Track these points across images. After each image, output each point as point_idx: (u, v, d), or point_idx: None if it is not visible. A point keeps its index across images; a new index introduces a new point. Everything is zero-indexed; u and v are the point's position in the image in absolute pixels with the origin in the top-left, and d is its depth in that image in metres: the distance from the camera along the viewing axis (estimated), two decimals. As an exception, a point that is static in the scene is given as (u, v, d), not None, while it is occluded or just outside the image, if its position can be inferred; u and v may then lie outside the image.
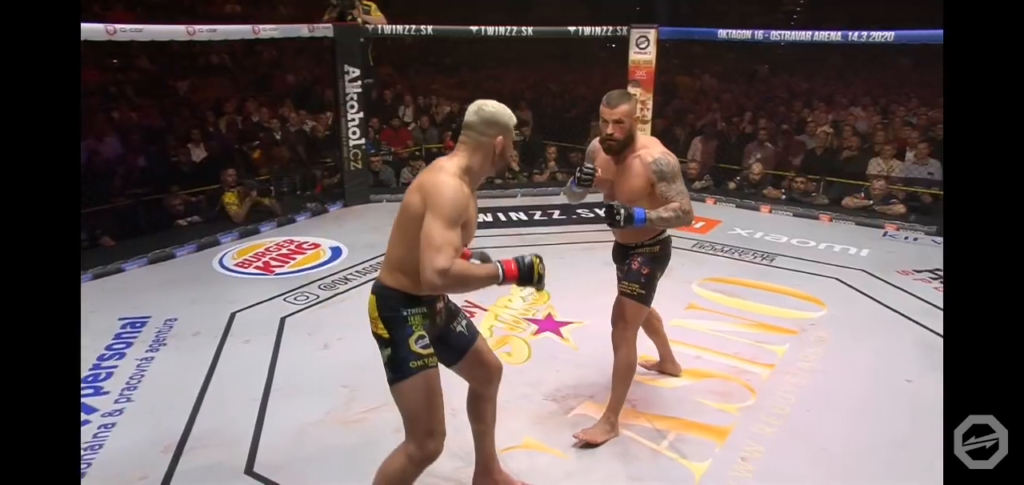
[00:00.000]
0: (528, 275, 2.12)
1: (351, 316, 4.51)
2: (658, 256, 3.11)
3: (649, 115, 7.82)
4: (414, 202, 2.12)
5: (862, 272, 5.35)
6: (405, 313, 2.19)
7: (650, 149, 2.98)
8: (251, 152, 7.62)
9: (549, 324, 4.37)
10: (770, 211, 7.19)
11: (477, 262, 2.24)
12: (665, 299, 4.73)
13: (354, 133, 7.16)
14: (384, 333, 2.20)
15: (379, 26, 7.32)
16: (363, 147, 7.27)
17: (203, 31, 5.95)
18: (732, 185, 7.81)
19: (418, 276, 2.06)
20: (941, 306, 4.65)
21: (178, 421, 3.26)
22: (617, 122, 2.91)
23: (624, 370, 3.09)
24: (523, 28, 7.32)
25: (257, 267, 5.47)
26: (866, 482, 2.85)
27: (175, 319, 4.43)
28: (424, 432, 2.22)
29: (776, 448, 3.07)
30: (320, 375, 3.72)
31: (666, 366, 3.74)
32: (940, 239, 6.17)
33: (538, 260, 2.15)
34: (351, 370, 3.69)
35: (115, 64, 9.38)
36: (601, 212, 2.93)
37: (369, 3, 7.36)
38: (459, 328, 2.46)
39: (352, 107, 7.07)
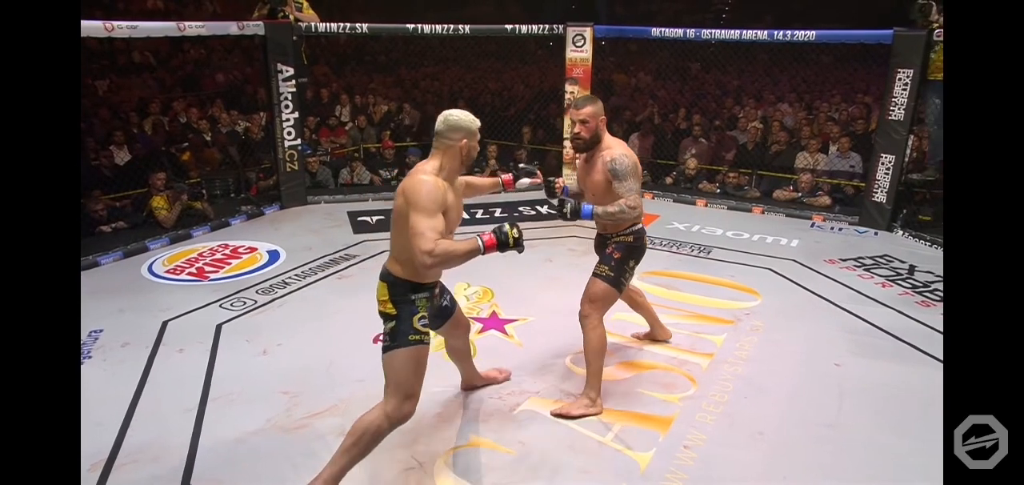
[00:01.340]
0: (504, 241, 2.48)
1: (291, 321, 4.40)
2: (632, 245, 3.31)
3: (587, 112, 7.92)
4: (399, 204, 2.51)
5: (793, 262, 5.58)
6: (413, 297, 2.59)
7: (612, 149, 3.21)
8: (180, 154, 7.33)
9: (494, 322, 4.37)
10: (705, 205, 7.40)
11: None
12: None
13: (289, 133, 6.98)
14: (392, 311, 2.58)
15: (313, 24, 7.15)
16: (299, 148, 7.09)
17: (123, 27, 5.67)
18: (669, 180, 8.00)
19: (412, 263, 2.48)
20: (868, 295, 4.89)
21: (107, 437, 3.10)
22: (582, 122, 3.21)
23: (594, 347, 3.26)
24: (460, 26, 7.29)
25: (190, 273, 5.26)
26: (800, 462, 2.97)
27: (101, 330, 4.21)
28: (404, 395, 2.56)
29: (716, 435, 3.17)
30: (259, 382, 3.61)
31: (656, 333, 4.05)
32: (862, 229, 6.49)
33: (511, 226, 2.48)
34: (291, 376, 3.59)
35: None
36: (551, 206, 3.14)
37: (301, 0, 7.18)
38: (445, 302, 3.01)
39: (287, 107, 6.89)
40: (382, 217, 6.67)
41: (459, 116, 2.63)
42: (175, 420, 3.25)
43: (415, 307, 2.58)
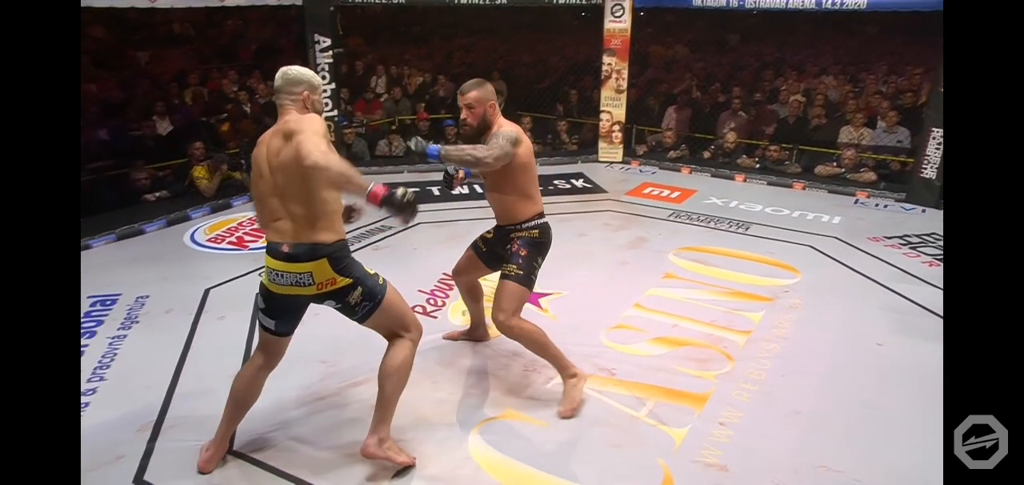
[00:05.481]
0: (390, 201, 2.27)
1: (327, 291, 4.46)
2: (537, 241, 3.12)
3: (624, 84, 7.82)
4: (287, 152, 2.32)
5: (834, 239, 5.45)
6: (349, 254, 2.52)
7: (503, 128, 3.05)
8: (219, 125, 7.44)
9: (527, 295, 4.36)
10: (744, 180, 7.26)
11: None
12: (642, 269, 4.80)
13: (326, 104, 7.03)
14: (346, 280, 2.47)
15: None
16: (335, 119, 7.14)
17: (165, -1, 5.75)
18: (706, 154, 7.86)
19: (336, 221, 2.45)
20: (913, 273, 4.76)
21: (154, 400, 3.20)
22: (468, 107, 3.08)
23: (535, 340, 3.09)
24: (497, -3, 7.22)
25: (230, 242, 5.37)
26: (838, 442, 2.92)
27: (147, 297, 4.33)
28: (411, 321, 2.64)
29: (753, 413, 3.13)
30: (297, 351, 3.65)
31: (477, 332, 3.75)
32: (909, 206, 6.30)
33: (406, 190, 2.32)
34: (329, 345, 3.65)
35: (70, 33, 9.03)
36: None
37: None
38: None
39: (323, 78, 6.93)
40: (417, 189, 6.70)
41: (298, 70, 2.53)
42: (218, 386, 3.33)
43: (357, 262, 2.53)
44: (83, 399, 3.23)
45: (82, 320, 4.02)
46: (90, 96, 7.36)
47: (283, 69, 2.55)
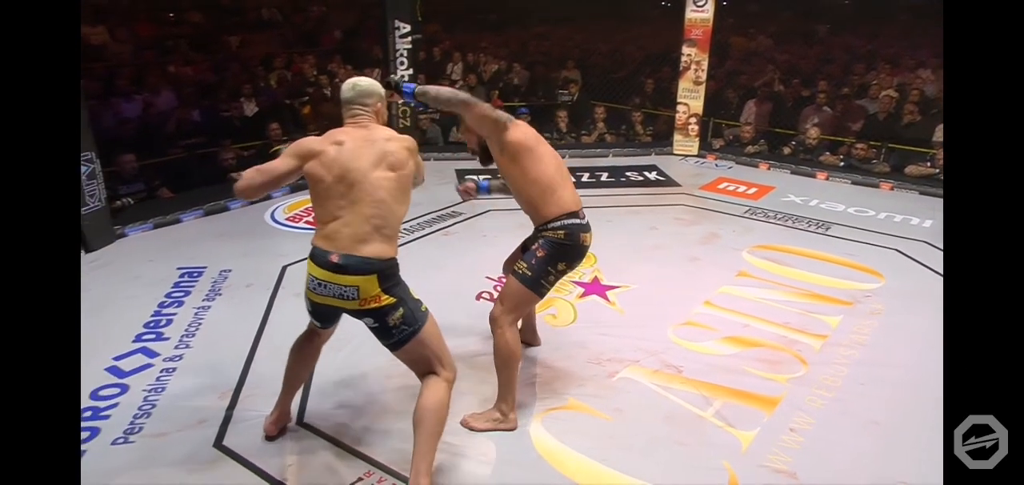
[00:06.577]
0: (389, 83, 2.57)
1: (398, 273, 4.57)
2: (562, 243, 2.82)
3: (703, 76, 7.61)
4: (402, 157, 2.45)
5: (924, 243, 5.15)
6: (399, 273, 2.42)
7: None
8: (300, 107, 7.71)
9: (595, 287, 4.34)
10: (827, 178, 6.96)
11: None
12: (714, 266, 4.68)
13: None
14: (391, 300, 2.36)
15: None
16: (412, 104, 7.26)
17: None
18: (787, 150, 7.57)
19: (395, 236, 2.40)
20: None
21: (233, 369, 3.37)
22: (465, 130, 3.05)
23: (502, 356, 2.83)
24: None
25: (307, 222, 5.57)
26: (920, 458, 2.77)
27: (230, 270, 4.56)
28: (447, 359, 2.47)
29: (826, 420, 3.01)
30: (367, 330, 3.78)
31: (525, 335, 3.52)
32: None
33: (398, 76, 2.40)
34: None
35: (170, 18, 9.54)
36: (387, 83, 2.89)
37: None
38: None
39: (402, 64, 7.06)
40: (488, 177, 6.74)
41: (368, 81, 2.58)
42: (292, 359, 3.48)
43: (404, 283, 2.42)
44: (172, 364, 3.43)
45: (171, 290, 4.27)
46: (186, 78, 7.78)
47: (352, 81, 2.55)
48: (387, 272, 2.35)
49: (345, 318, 2.59)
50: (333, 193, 2.36)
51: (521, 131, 2.82)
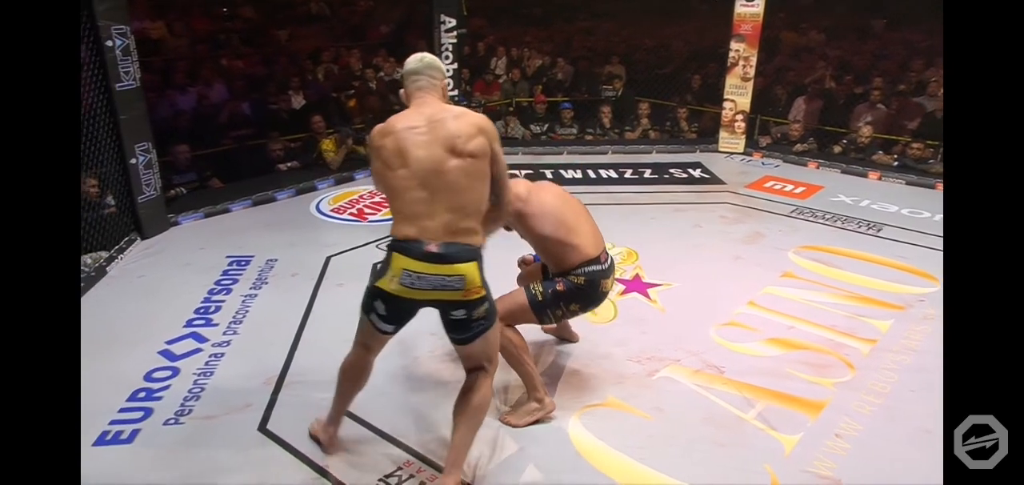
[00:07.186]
0: None
1: (439, 265, 4.61)
2: (580, 288, 2.82)
3: (751, 72, 7.46)
4: (480, 144, 2.23)
5: (980, 247, 4.95)
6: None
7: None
8: (346, 100, 7.83)
9: (636, 285, 4.30)
10: (879, 178, 6.74)
11: None
12: (758, 266, 4.60)
13: (448, 85, 7.20)
14: (483, 292, 2.28)
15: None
16: (456, 99, 7.31)
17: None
18: (837, 149, 7.36)
19: (482, 224, 2.28)
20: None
21: (278, 356, 3.45)
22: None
23: (507, 353, 2.84)
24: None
25: (351, 214, 5.66)
26: (974, 471, 2.67)
27: (276, 260, 4.67)
28: (497, 356, 2.52)
29: (874, 427, 2.92)
30: (409, 323, 3.82)
31: (564, 331, 3.57)
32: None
33: None
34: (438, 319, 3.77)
35: (223, 13, 9.79)
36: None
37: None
38: None
39: (447, 58, 7.10)
40: (530, 172, 6.75)
41: (434, 57, 2.40)
42: (335, 349, 3.48)
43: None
44: (220, 349, 3.54)
45: (220, 277, 4.39)
46: (237, 71, 7.98)
47: (419, 53, 2.40)
48: (479, 261, 2.25)
49: None
50: (410, 183, 2.20)
51: (520, 202, 2.85)
